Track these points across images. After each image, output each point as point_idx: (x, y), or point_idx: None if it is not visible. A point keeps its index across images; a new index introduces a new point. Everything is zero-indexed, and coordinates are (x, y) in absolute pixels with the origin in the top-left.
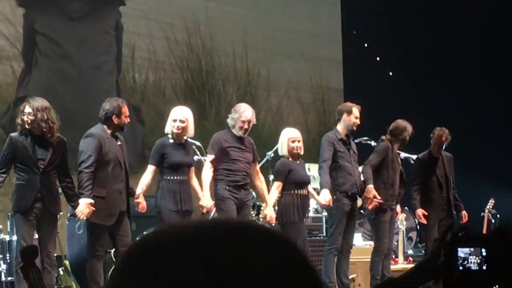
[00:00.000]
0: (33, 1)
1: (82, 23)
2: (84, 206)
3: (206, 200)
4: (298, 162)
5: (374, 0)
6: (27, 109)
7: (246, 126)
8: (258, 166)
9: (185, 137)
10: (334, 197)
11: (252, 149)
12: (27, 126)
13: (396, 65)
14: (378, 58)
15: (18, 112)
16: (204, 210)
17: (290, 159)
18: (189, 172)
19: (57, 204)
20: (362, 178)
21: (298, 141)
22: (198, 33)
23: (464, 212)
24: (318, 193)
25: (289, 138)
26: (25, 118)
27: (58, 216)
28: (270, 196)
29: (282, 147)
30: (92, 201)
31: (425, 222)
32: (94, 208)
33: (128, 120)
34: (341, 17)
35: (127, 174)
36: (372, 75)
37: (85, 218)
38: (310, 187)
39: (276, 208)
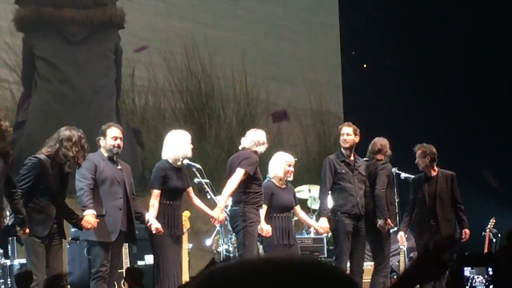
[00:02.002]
0: (32, 26)
1: (81, 46)
2: (90, 216)
3: (219, 212)
4: (285, 186)
5: (372, 21)
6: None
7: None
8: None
9: (182, 161)
10: (336, 218)
11: None
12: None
13: (396, 84)
14: (377, 78)
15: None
16: (216, 223)
17: (278, 183)
18: (182, 197)
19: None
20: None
21: (293, 166)
22: (197, 56)
23: (466, 230)
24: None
25: (286, 162)
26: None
27: None
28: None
29: (277, 170)
30: (95, 212)
31: (404, 244)
32: (98, 220)
33: (114, 142)
34: (340, 39)
35: (127, 194)
36: (371, 95)
37: (91, 227)
38: (301, 212)
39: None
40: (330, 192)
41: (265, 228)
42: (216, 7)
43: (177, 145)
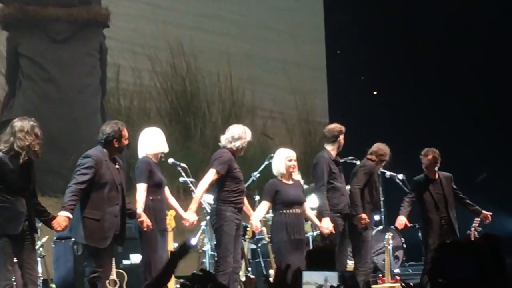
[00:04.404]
0: (16, 24)
1: (65, 45)
2: (63, 218)
3: (190, 214)
4: (291, 182)
5: (357, 20)
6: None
7: (246, 146)
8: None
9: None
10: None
11: None
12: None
13: (381, 85)
14: (362, 78)
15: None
16: (187, 224)
17: (283, 180)
18: (165, 192)
19: None
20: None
21: (294, 160)
22: (182, 54)
23: (484, 213)
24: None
25: (287, 157)
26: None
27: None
28: (257, 210)
29: (279, 166)
30: (70, 215)
31: (400, 227)
32: (66, 223)
33: (127, 142)
34: (325, 39)
35: (123, 197)
36: (356, 95)
37: (60, 230)
38: (309, 210)
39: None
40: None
41: (254, 224)
42: (201, 9)
43: (155, 141)
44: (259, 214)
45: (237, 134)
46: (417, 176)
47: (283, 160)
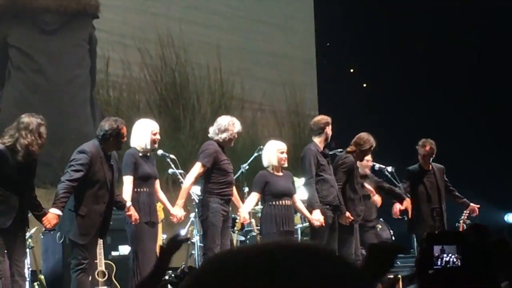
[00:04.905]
0: (5, 15)
1: (54, 36)
2: (52, 216)
3: (177, 210)
4: (281, 174)
5: (347, 12)
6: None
7: (235, 137)
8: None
9: (148, 150)
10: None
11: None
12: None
13: (371, 77)
14: (352, 70)
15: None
16: (175, 220)
17: (274, 171)
18: (155, 184)
19: None
20: None
21: (286, 153)
22: (171, 46)
23: (472, 205)
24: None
25: (278, 149)
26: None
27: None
28: (246, 202)
29: (270, 158)
30: (60, 213)
31: (397, 210)
32: (56, 221)
33: (125, 139)
34: (315, 32)
35: (112, 194)
36: (346, 87)
37: (49, 227)
38: (299, 202)
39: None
40: None
41: (243, 215)
42: (191, 1)
43: (139, 135)
44: (248, 205)
45: (223, 126)
46: (411, 166)
47: (274, 152)
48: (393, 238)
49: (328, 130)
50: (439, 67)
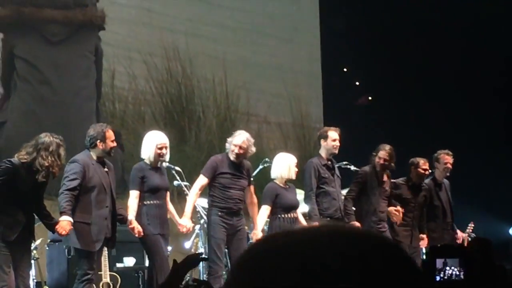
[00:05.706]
0: (12, 26)
1: (60, 47)
2: (65, 223)
3: (185, 220)
4: (288, 187)
5: (352, 26)
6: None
7: (236, 151)
8: (252, 188)
9: (159, 162)
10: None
11: (248, 174)
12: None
13: (376, 90)
14: (357, 83)
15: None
16: (184, 230)
17: (282, 184)
18: (166, 196)
19: None
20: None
21: (296, 166)
22: (177, 58)
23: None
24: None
25: (295, 163)
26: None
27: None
28: (258, 218)
29: (282, 171)
30: (72, 220)
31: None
32: (72, 228)
33: (114, 144)
34: (320, 42)
35: (113, 200)
36: (351, 100)
37: (65, 234)
38: (300, 215)
39: (266, 231)
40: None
41: (256, 234)
42: (197, 15)
43: (145, 148)
44: (261, 220)
45: (229, 139)
46: (426, 180)
47: (293, 166)
48: None
49: (328, 141)
50: (448, 82)
